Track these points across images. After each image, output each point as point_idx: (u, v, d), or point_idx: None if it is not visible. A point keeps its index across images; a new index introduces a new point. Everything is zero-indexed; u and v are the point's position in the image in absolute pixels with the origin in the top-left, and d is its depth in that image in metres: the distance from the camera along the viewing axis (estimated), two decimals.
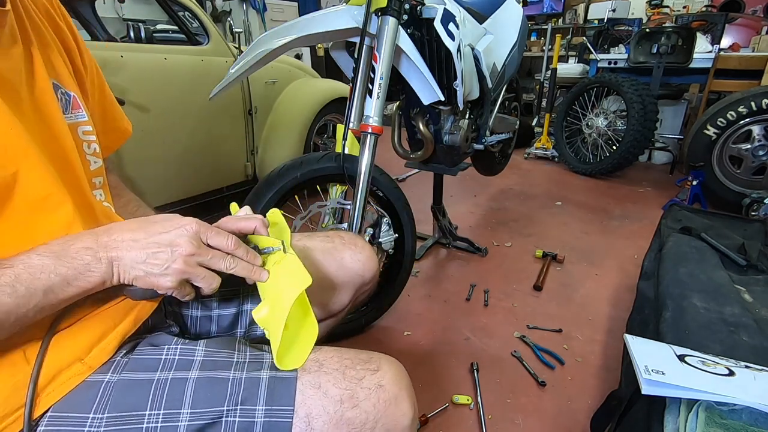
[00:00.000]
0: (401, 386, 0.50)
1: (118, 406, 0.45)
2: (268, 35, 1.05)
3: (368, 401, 0.48)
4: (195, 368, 0.49)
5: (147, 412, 0.45)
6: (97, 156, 0.58)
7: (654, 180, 3.02)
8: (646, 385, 0.63)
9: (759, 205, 1.99)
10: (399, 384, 0.50)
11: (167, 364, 0.49)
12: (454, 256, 1.90)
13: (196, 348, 0.51)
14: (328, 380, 0.48)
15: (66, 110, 0.54)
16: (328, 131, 2.55)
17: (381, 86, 1.07)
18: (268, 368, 0.50)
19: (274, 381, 0.48)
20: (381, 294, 1.37)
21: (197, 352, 0.51)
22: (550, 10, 5.11)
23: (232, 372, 0.49)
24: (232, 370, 0.49)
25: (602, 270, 1.77)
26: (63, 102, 0.53)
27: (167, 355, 0.50)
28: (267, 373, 0.49)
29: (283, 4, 5.01)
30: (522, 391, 1.15)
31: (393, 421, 0.49)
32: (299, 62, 2.57)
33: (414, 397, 0.52)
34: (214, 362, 0.50)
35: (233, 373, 0.49)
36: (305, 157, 1.17)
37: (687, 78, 3.02)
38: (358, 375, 0.49)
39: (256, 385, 0.48)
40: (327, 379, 0.48)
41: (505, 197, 2.66)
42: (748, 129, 2.28)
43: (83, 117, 0.56)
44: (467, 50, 1.37)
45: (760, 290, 1.02)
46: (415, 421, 0.51)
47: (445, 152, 1.56)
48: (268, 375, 0.49)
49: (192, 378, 0.47)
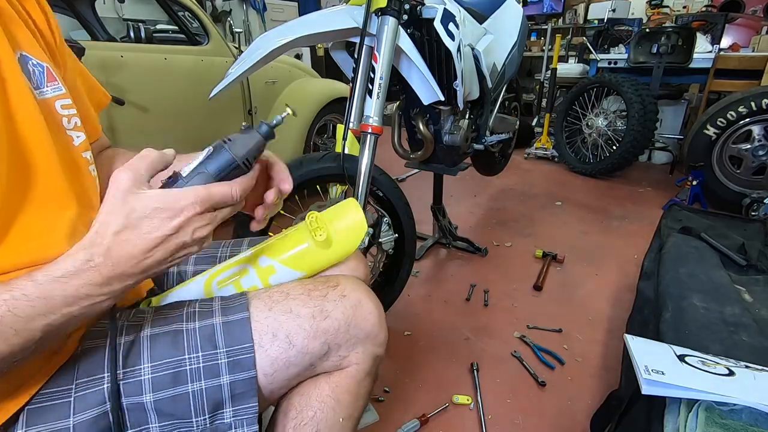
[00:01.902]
0: (361, 292, 0.58)
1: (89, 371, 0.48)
2: (268, 35, 1.05)
3: (337, 310, 0.55)
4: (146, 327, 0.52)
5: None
6: (79, 130, 0.53)
7: (654, 180, 3.02)
8: (646, 385, 0.63)
9: (759, 205, 1.99)
10: (358, 291, 0.57)
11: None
12: (454, 256, 1.90)
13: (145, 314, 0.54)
14: (297, 304, 0.54)
15: (41, 84, 0.49)
16: (328, 131, 2.55)
17: (381, 86, 1.07)
18: (219, 315, 0.53)
19: (228, 325, 0.52)
20: (381, 294, 1.37)
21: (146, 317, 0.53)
22: (550, 10, 5.11)
23: (185, 324, 0.52)
24: (185, 321, 0.52)
25: (602, 270, 1.77)
26: (36, 75, 0.49)
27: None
28: (220, 319, 0.53)
29: (283, 4, 5.02)
30: (522, 391, 1.15)
31: (362, 321, 0.56)
32: (299, 62, 2.57)
33: (376, 299, 0.59)
34: (165, 319, 0.53)
35: (186, 324, 0.52)
36: (305, 157, 1.17)
37: (687, 78, 3.02)
38: (321, 293, 0.56)
39: (212, 331, 0.51)
40: (296, 303, 0.54)
41: (505, 197, 2.66)
42: (748, 129, 2.28)
43: (60, 90, 0.51)
44: (467, 50, 1.37)
45: (760, 290, 1.02)
46: (381, 318, 0.59)
47: (445, 152, 1.56)
48: (221, 320, 0.52)
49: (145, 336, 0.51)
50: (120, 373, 0.47)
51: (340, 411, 0.57)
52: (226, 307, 0.54)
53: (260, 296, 0.56)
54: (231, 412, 0.50)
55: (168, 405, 0.48)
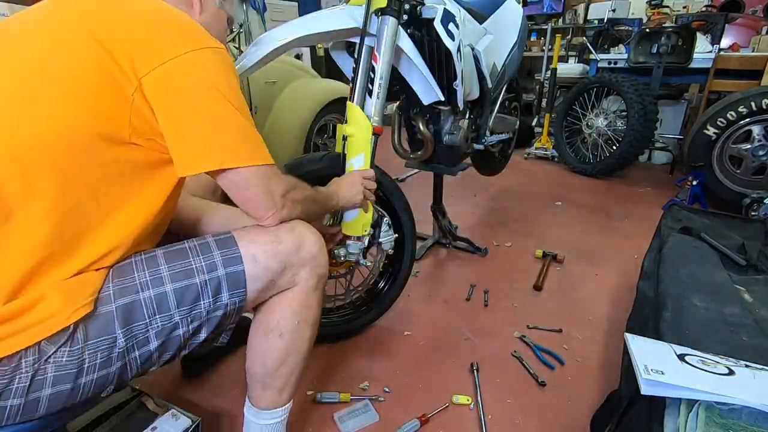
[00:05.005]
0: (305, 227, 0.76)
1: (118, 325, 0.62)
2: (268, 35, 1.05)
3: (288, 238, 0.72)
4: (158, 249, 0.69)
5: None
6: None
7: (654, 180, 3.02)
8: (645, 386, 0.63)
9: (759, 205, 1.99)
10: (302, 225, 0.75)
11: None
12: (454, 256, 1.90)
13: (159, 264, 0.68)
14: (257, 235, 0.72)
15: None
16: (328, 131, 2.55)
17: (381, 86, 1.07)
18: (210, 236, 0.71)
19: (218, 240, 0.70)
20: (381, 294, 1.37)
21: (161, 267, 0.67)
22: (550, 10, 5.11)
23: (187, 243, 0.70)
24: (187, 242, 0.71)
25: (602, 270, 1.77)
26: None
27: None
28: (212, 237, 0.71)
29: (283, 4, 5.02)
30: (522, 391, 1.15)
31: (308, 246, 0.74)
32: (299, 62, 2.57)
33: (317, 233, 0.77)
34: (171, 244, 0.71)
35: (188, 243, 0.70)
36: (305, 157, 1.17)
37: (687, 78, 3.02)
38: (275, 229, 0.72)
39: (206, 242, 0.70)
40: (256, 235, 0.72)
41: (505, 197, 2.66)
42: (748, 129, 2.28)
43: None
44: (467, 50, 1.37)
45: (760, 290, 1.02)
46: (322, 245, 0.77)
47: (445, 152, 1.56)
48: (213, 238, 0.71)
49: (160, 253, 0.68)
50: (145, 272, 0.65)
51: (296, 316, 0.76)
52: (215, 234, 0.72)
53: (234, 232, 0.72)
54: (227, 295, 0.68)
55: (182, 293, 0.65)
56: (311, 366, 0.82)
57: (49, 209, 0.56)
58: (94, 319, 0.60)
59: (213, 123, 0.62)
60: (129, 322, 0.62)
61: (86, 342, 0.59)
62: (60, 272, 0.59)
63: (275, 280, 0.72)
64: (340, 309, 1.35)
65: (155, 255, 0.67)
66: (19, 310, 0.55)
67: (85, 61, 0.57)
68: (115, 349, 0.61)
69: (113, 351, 0.61)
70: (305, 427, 1.04)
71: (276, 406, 0.81)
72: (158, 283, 0.64)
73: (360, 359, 1.26)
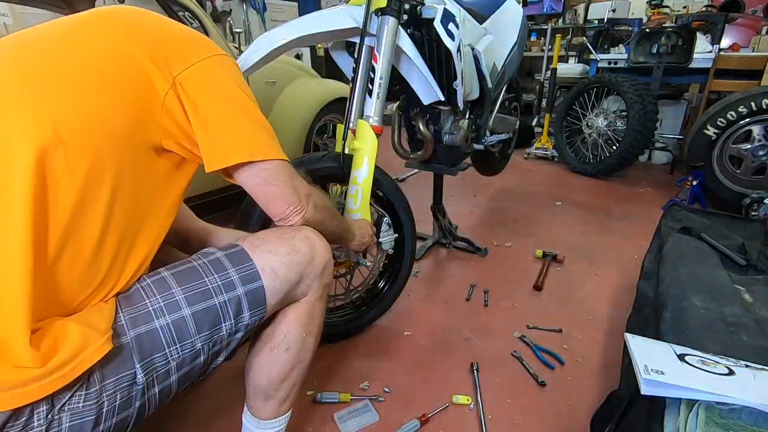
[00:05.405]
0: (317, 236, 0.74)
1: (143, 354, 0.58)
2: (268, 35, 1.05)
3: (304, 247, 0.70)
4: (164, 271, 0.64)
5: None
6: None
7: (654, 180, 3.02)
8: (645, 386, 0.63)
9: (759, 205, 1.99)
10: (315, 235, 0.73)
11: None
12: (454, 256, 1.90)
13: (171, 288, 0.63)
14: (273, 246, 0.69)
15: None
16: (328, 131, 2.55)
17: (381, 86, 1.07)
18: (218, 251, 0.68)
19: (228, 255, 0.67)
20: (381, 294, 1.37)
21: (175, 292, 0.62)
22: (550, 10, 5.11)
23: (195, 262, 0.66)
24: (195, 261, 0.66)
25: (602, 270, 1.77)
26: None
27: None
28: (220, 253, 0.67)
29: (283, 4, 5.02)
30: (522, 391, 1.15)
31: (320, 256, 0.73)
32: (299, 62, 2.57)
33: (325, 241, 0.75)
34: (179, 264, 0.66)
35: (196, 262, 0.66)
36: (305, 157, 1.17)
37: (687, 78, 3.02)
38: (290, 236, 0.71)
39: (216, 259, 0.66)
40: (272, 246, 0.69)
41: (505, 197, 2.66)
42: (748, 129, 2.28)
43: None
44: (467, 50, 1.37)
45: (760, 290, 1.02)
46: (330, 255, 0.75)
47: (445, 152, 1.56)
48: (222, 253, 0.67)
49: (168, 275, 0.64)
50: (156, 297, 0.60)
51: (303, 329, 0.75)
52: (222, 248, 0.69)
53: (243, 244, 0.69)
54: (248, 315, 0.65)
55: (202, 317, 0.61)
56: (311, 366, 0.81)
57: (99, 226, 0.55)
58: (110, 355, 0.53)
59: (241, 117, 0.65)
60: (147, 354, 0.57)
61: (103, 382, 0.53)
62: (95, 298, 0.56)
63: (291, 291, 0.70)
64: (340, 309, 1.35)
65: (162, 277, 0.63)
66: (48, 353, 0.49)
67: (128, 66, 0.59)
68: (134, 387, 0.56)
69: (133, 389, 0.56)
70: (305, 427, 1.04)
71: (277, 416, 0.80)
72: (174, 307, 0.60)
73: (360, 359, 1.26)
